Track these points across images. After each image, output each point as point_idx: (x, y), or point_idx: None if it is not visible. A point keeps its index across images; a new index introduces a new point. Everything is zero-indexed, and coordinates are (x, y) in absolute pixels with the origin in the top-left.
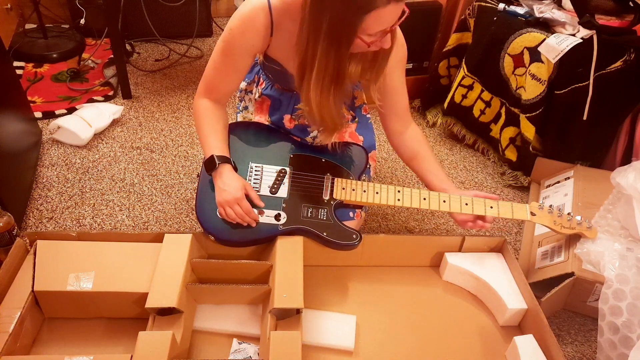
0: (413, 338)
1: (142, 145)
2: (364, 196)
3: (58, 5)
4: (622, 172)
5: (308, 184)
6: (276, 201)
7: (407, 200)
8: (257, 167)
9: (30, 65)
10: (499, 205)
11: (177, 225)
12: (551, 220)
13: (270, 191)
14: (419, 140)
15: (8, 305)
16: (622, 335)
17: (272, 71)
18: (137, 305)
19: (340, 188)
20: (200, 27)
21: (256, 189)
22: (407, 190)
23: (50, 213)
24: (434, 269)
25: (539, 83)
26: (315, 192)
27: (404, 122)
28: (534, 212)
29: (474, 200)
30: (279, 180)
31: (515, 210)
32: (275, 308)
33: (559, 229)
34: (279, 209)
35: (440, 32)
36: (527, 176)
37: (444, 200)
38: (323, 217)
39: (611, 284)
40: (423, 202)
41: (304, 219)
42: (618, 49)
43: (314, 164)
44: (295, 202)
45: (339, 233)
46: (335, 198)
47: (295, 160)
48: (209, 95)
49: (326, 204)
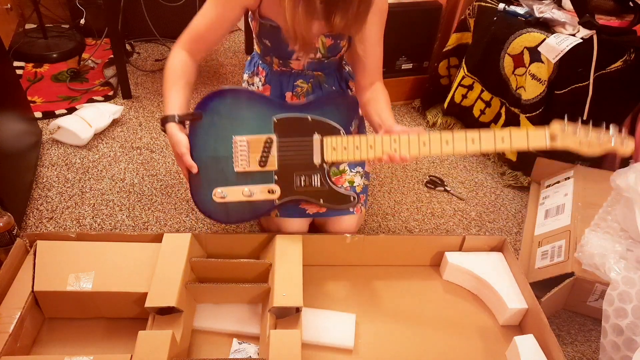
0: (413, 337)
1: (142, 145)
2: (357, 153)
3: (58, 5)
4: (622, 174)
5: (297, 150)
6: (267, 175)
7: (404, 147)
8: (242, 141)
9: (30, 65)
10: (512, 135)
11: (177, 225)
12: (576, 142)
13: (259, 164)
14: (380, 90)
15: (8, 305)
16: (626, 338)
17: (268, 33)
18: (137, 305)
19: (331, 148)
20: None
21: (244, 164)
22: (404, 137)
23: (50, 213)
24: (434, 269)
25: (539, 83)
26: (306, 157)
27: (373, 78)
28: (554, 136)
29: (482, 135)
30: (266, 151)
31: (531, 138)
32: (274, 307)
33: (585, 150)
34: (271, 182)
35: (440, 32)
36: (527, 176)
37: (447, 141)
38: (317, 184)
39: (617, 285)
40: (423, 148)
41: (297, 189)
42: (618, 49)
43: (300, 125)
44: (286, 172)
45: (335, 198)
46: (327, 161)
47: (280, 125)
48: (190, 45)
49: (318, 168)
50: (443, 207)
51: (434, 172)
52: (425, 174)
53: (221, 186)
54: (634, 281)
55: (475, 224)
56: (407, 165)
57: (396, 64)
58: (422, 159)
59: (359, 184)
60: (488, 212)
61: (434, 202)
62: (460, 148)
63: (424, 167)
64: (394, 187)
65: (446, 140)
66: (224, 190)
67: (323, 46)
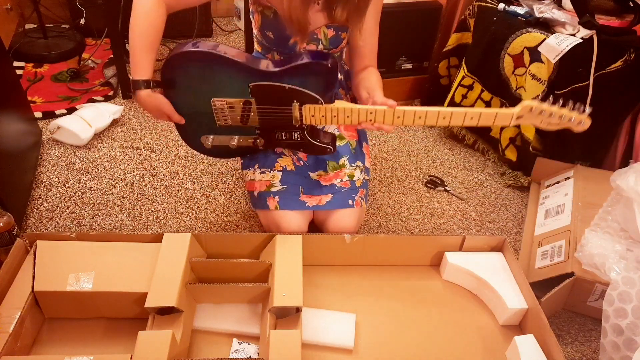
0: (413, 337)
1: (142, 145)
2: (334, 120)
3: (58, 5)
4: (622, 175)
5: (276, 116)
6: (250, 129)
7: (379, 118)
8: (221, 102)
9: (30, 65)
10: (481, 116)
11: (177, 225)
12: (539, 121)
13: (240, 122)
14: (372, 72)
15: (8, 305)
16: (626, 338)
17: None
18: (136, 305)
19: (310, 115)
20: (200, 27)
21: (226, 121)
22: (379, 110)
23: (50, 213)
24: (434, 268)
25: (539, 83)
26: (285, 121)
27: (367, 63)
28: (521, 116)
29: (454, 114)
30: (246, 111)
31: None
32: (274, 307)
33: (545, 127)
34: (254, 134)
35: (440, 32)
36: (527, 176)
37: (420, 116)
38: (297, 139)
39: (617, 285)
40: (397, 120)
41: (279, 141)
42: (618, 49)
43: (278, 93)
44: (267, 128)
45: (313, 149)
46: (305, 124)
47: (257, 91)
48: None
49: (298, 128)
50: (443, 207)
51: (434, 172)
52: (425, 174)
53: (206, 134)
54: (634, 281)
55: (475, 224)
56: (407, 165)
57: (396, 64)
58: (422, 160)
59: (359, 178)
60: (488, 212)
61: (434, 202)
62: (431, 122)
63: (424, 167)
64: (394, 187)
65: (419, 116)
66: (210, 137)
67: (325, 37)
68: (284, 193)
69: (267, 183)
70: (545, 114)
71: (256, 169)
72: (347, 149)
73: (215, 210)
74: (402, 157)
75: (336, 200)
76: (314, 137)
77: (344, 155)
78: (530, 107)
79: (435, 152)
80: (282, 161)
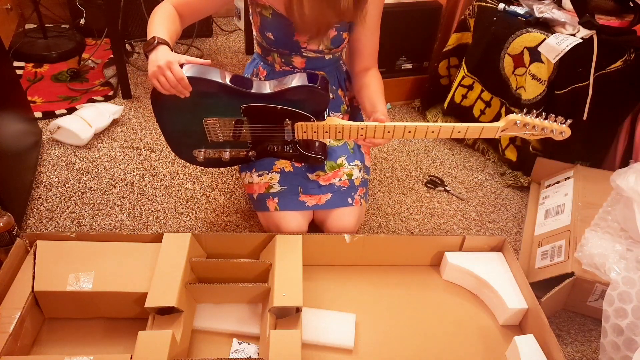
0: (413, 337)
1: (142, 145)
2: (326, 136)
3: (58, 5)
4: (622, 175)
5: (268, 133)
6: (242, 143)
7: (370, 134)
8: (213, 120)
9: (30, 65)
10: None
11: (177, 225)
12: (522, 132)
13: (233, 138)
14: (374, 77)
15: (8, 305)
16: (626, 338)
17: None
18: (136, 305)
19: (302, 132)
20: (200, 27)
21: (217, 139)
22: (370, 125)
23: (50, 213)
24: (434, 269)
25: (539, 83)
26: (277, 137)
27: (368, 63)
28: (505, 129)
29: (442, 128)
30: (238, 129)
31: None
32: (274, 307)
33: (527, 137)
34: (247, 147)
35: (440, 32)
36: (527, 176)
37: (409, 131)
38: (289, 151)
39: (617, 285)
40: (387, 135)
41: (271, 153)
42: (618, 49)
43: (270, 113)
44: (260, 142)
45: (306, 159)
46: (297, 139)
47: (249, 111)
48: (177, 4)
49: (290, 142)
50: (443, 207)
51: (434, 172)
52: (425, 174)
53: (198, 148)
54: (634, 281)
55: (475, 224)
56: (407, 165)
57: (396, 64)
58: (422, 160)
59: (357, 177)
60: (488, 212)
61: (434, 202)
62: (420, 136)
63: (424, 167)
64: (394, 187)
65: (409, 130)
66: (202, 151)
67: (327, 37)
68: (283, 194)
69: (265, 185)
70: (529, 126)
71: (254, 172)
72: (345, 148)
73: (215, 210)
74: (402, 157)
75: (335, 199)
76: (305, 149)
77: (341, 154)
78: (514, 121)
79: (435, 152)
80: (280, 163)
